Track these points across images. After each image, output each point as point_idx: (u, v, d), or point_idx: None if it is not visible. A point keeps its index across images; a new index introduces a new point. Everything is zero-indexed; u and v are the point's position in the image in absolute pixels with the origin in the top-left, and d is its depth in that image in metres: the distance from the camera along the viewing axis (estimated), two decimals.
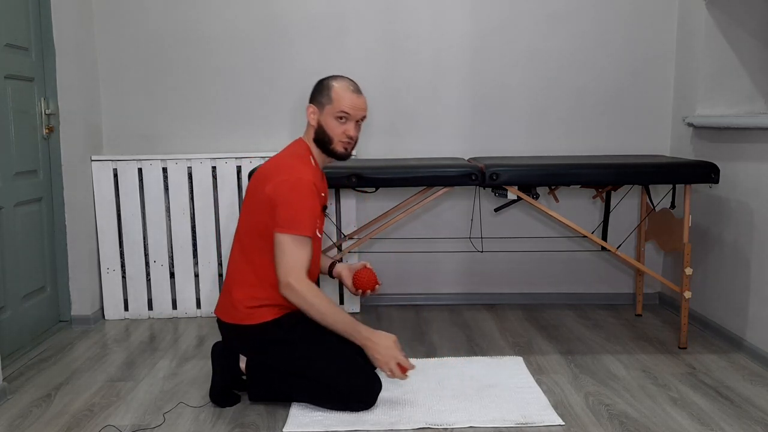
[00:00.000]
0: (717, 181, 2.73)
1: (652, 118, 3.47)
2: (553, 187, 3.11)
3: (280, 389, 2.31)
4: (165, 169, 3.33)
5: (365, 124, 3.44)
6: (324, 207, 2.34)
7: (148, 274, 3.39)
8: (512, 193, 2.80)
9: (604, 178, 2.72)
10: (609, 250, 2.94)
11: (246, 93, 3.44)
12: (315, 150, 2.31)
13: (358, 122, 2.28)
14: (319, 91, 2.28)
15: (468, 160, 3.01)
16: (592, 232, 3.12)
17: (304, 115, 3.43)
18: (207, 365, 2.69)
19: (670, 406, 2.29)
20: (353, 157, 3.35)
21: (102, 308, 3.39)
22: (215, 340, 3.02)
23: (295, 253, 2.15)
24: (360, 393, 2.23)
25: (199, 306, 3.42)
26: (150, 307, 3.41)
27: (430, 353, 2.82)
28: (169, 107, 3.46)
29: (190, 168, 3.32)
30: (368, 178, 2.69)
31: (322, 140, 2.27)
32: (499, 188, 2.80)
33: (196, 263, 3.39)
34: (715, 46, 3.12)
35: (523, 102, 3.46)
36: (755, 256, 2.75)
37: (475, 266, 3.59)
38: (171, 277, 3.41)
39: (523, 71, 3.44)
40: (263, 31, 3.41)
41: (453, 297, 3.59)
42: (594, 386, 2.46)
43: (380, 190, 3.27)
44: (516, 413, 2.22)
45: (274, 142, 3.47)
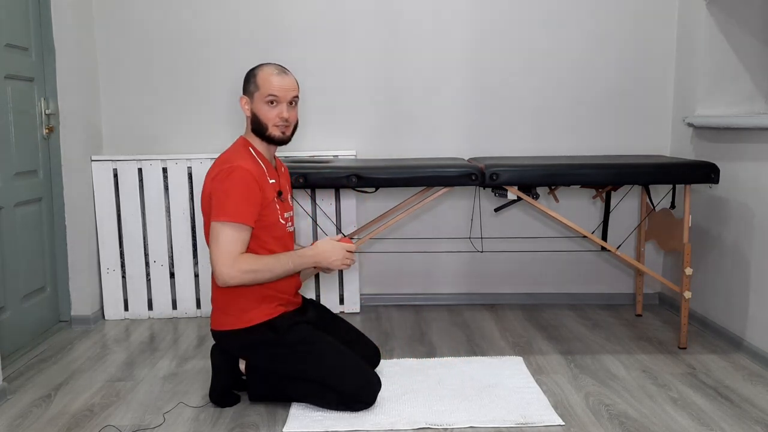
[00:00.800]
0: (717, 182, 2.73)
1: (652, 118, 3.47)
2: (553, 187, 3.11)
3: (280, 389, 2.31)
4: (165, 169, 3.33)
5: (365, 123, 3.44)
6: (279, 192, 2.30)
7: (148, 274, 3.39)
8: (512, 193, 2.80)
9: (604, 178, 2.72)
10: (609, 250, 2.94)
11: None
12: (256, 141, 2.29)
13: (291, 104, 2.26)
14: (247, 81, 2.27)
15: (468, 160, 3.01)
16: (592, 233, 3.12)
17: (303, 116, 3.42)
18: (207, 365, 2.69)
19: (670, 406, 2.29)
20: (353, 157, 3.36)
21: (102, 308, 3.39)
22: None
23: (226, 240, 2.12)
24: (360, 392, 2.22)
25: (199, 306, 3.41)
26: (150, 307, 3.41)
27: (430, 353, 2.82)
28: (169, 107, 3.46)
29: (190, 168, 3.32)
30: (368, 178, 2.68)
31: (258, 129, 2.26)
32: (499, 188, 2.80)
33: (196, 263, 3.39)
34: (715, 46, 3.12)
35: (524, 102, 3.46)
36: (755, 256, 2.75)
37: (475, 266, 3.59)
38: (171, 277, 3.40)
39: (523, 71, 3.44)
40: (263, 32, 3.41)
41: (453, 297, 3.59)
42: (594, 386, 2.46)
43: (380, 190, 3.27)
44: (516, 413, 2.22)
45: None
